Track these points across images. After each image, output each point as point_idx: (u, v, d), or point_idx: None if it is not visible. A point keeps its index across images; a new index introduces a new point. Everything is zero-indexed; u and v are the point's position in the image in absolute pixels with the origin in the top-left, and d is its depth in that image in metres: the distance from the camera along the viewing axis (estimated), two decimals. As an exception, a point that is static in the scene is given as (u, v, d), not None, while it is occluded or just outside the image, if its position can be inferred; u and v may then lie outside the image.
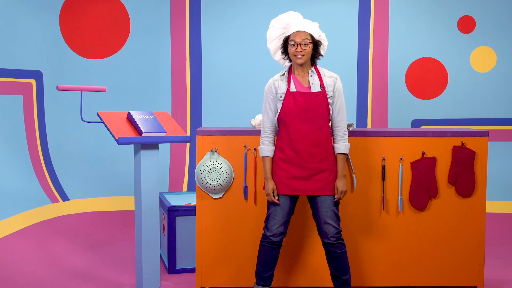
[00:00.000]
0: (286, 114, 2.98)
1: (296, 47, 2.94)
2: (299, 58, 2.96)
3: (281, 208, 3.04)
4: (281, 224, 3.04)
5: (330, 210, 3.01)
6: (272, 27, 3.13)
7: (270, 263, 3.09)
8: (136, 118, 3.44)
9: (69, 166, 5.20)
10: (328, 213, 3.01)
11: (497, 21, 5.44)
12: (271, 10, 5.45)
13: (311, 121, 2.96)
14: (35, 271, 3.92)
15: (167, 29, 5.50)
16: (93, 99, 4.97)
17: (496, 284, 3.79)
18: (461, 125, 5.49)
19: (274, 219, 3.05)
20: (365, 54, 5.53)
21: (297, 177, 3.00)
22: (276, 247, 3.08)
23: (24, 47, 4.88)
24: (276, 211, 3.05)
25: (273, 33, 3.12)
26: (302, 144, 2.96)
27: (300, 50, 2.94)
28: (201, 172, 3.39)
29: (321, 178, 2.99)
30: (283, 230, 3.05)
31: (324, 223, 3.02)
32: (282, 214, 3.04)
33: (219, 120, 5.44)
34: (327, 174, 3.00)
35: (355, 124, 5.50)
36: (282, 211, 3.04)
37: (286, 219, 3.06)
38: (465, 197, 3.51)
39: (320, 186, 3.00)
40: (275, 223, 3.04)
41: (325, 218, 3.01)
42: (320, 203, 3.02)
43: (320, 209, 3.02)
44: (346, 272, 3.07)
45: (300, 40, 2.93)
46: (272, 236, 3.04)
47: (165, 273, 4.02)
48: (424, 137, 3.50)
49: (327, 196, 3.02)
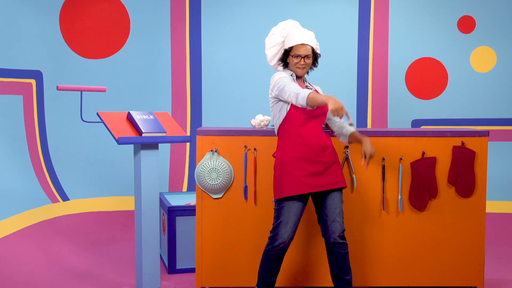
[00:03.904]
0: (297, 111, 3.01)
1: (300, 60, 3.04)
2: (301, 70, 3.07)
3: (294, 214, 2.99)
4: (293, 231, 3.00)
5: (338, 207, 3.02)
6: (273, 35, 3.18)
7: (275, 269, 3.06)
8: (136, 118, 3.44)
9: (69, 166, 5.20)
10: (337, 210, 3.01)
11: (497, 21, 5.44)
12: (271, 10, 5.45)
13: (319, 117, 3.05)
14: (35, 271, 3.92)
15: (167, 29, 5.50)
16: (93, 99, 4.96)
17: (496, 284, 3.78)
18: (461, 125, 5.49)
19: (286, 226, 2.98)
20: (365, 54, 5.53)
21: (313, 173, 2.99)
22: (283, 254, 3.04)
23: (24, 47, 4.88)
24: (289, 218, 2.98)
25: (273, 41, 3.18)
26: (314, 139, 3.00)
27: (303, 63, 3.05)
28: (201, 172, 3.39)
29: (333, 170, 3.03)
30: (292, 236, 3.01)
31: (332, 221, 3.00)
32: (294, 220, 2.99)
33: (219, 120, 5.44)
34: (337, 166, 3.07)
35: (355, 124, 5.50)
36: (295, 217, 2.99)
37: (297, 226, 3.03)
38: (465, 197, 3.51)
39: (335, 179, 3.03)
40: (287, 230, 2.98)
41: (333, 216, 3.00)
42: (329, 199, 3.02)
43: (329, 206, 3.01)
44: (348, 272, 3.06)
45: (304, 54, 3.03)
46: (281, 244, 2.98)
47: (165, 273, 4.02)
48: (424, 137, 3.50)
49: (336, 192, 3.04)
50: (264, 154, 3.42)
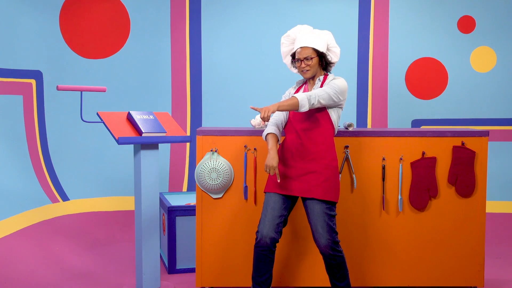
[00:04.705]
0: (287, 115, 3.09)
1: (300, 63, 3.03)
2: (305, 73, 3.05)
3: (271, 208, 2.96)
4: (271, 226, 2.92)
5: (320, 218, 2.90)
6: (282, 44, 3.20)
7: (263, 268, 2.97)
8: (136, 118, 3.44)
9: (69, 166, 5.20)
10: (318, 221, 2.90)
11: (497, 21, 5.44)
12: (271, 10, 5.45)
13: (305, 123, 2.99)
14: (35, 271, 3.92)
15: (167, 29, 5.50)
16: (93, 99, 4.97)
17: (496, 284, 3.79)
18: (461, 125, 5.49)
19: (264, 220, 2.95)
20: (365, 54, 5.53)
21: (286, 176, 3.00)
22: (268, 252, 2.94)
23: (24, 47, 4.88)
24: (266, 211, 2.97)
25: (284, 49, 3.21)
26: (295, 144, 2.99)
27: (304, 66, 3.02)
28: (201, 172, 3.39)
29: (308, 179, 2.94)
30: (273, 235, 2.92)
31: (315, 231, 2.93)
32: (272, 215, 2.94)
33: (219, 120, 5.44)
34: (316, 176, 2.94)
35: (355, 124, 5.50)
36: (272, 211, 2.95)
37: (278, 222, 2.94)
38: (465, 197, 3.51)
39: (306, 187, 2.94)
40: (265, 225, 2.93)
41: (315, 227, 2.92)
42: (309, 210, 2.94)
43: (311, 216, 2.94)
44: (342, 279, 3.00)
45: (302, 57, 3.01)
46: (262, 240, 2.92)
47: (165, 273, 4.02)
48: (424, 137, 3.50)
49: (315, 204, 2.91)
50: (264, 154, 3.42)
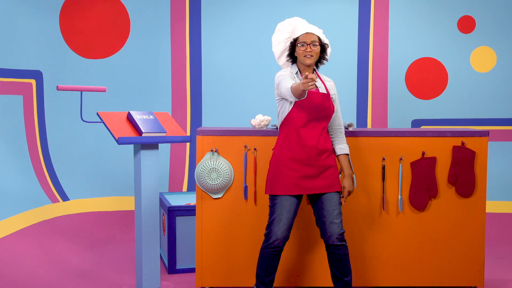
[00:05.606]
0: (299, 112, 2.98)
1: (306, 47, 3.00)
2: (309, 58, 3.01)
3: (287, 211, 2.99)
4: (286, 228, 2.99)
5: (336, 208, 3.01)
6: (279, 31, 3.18)
7: (271, 268, 3.05)
8: (136, 118, 3.44)
9: (69, 166, 5.20)
10: (335, 211, 3.00)
11: (497, 21, 5.44)
12: (271, 10, 5.45)
13: (321, 120, 3.02)
14: (35, 271, 3.92)
15: (167, 29, 5.50)
16: (93, 99, 4.97)
17: (496, 284, 3.79)
18: (461, 125, 5.49)
19: (279, 223, 2.98)
20: (365, 54, 5.53)
21: (307, 176, 2.99)
22: (279, 252, 3.03)
23: (24, 47, 4.87)
24: (282, 215, 2.99)
25: (280, 37, 3.17)
26: (312, 141, 2.98)
27: (310, 50, 3.00)
28: (201, 172, 3.39)
29: (327, 175, 3.02)
30: (287, 234, 3.00)
31: (330, 222, 2.99)
32: (288, 217, 2.99)
33: (219, 120, 5.44)
34: (333, 170, 3.05)
35: (355, 124, 5.50)
36: (288, 214, 2.99)
37: (291, 223, 3.02)
38: (465, 197, 3.51)
39: (329, 183, 3.02)
40: (280, 227, 2.98)
41: (331, 218, 2.99)
42: (326, 201, 3.01)
43: (326, 208, 3.00)
44: (348, 274, 3.05)
45: (309, 41, 3.00)
46: (276, 241, 2.98)
47: (165, 273, 4.02)
48: (424, 137, 3.50)
49: (333, 194, 3.03)
50: (264, 154, 3.42)
